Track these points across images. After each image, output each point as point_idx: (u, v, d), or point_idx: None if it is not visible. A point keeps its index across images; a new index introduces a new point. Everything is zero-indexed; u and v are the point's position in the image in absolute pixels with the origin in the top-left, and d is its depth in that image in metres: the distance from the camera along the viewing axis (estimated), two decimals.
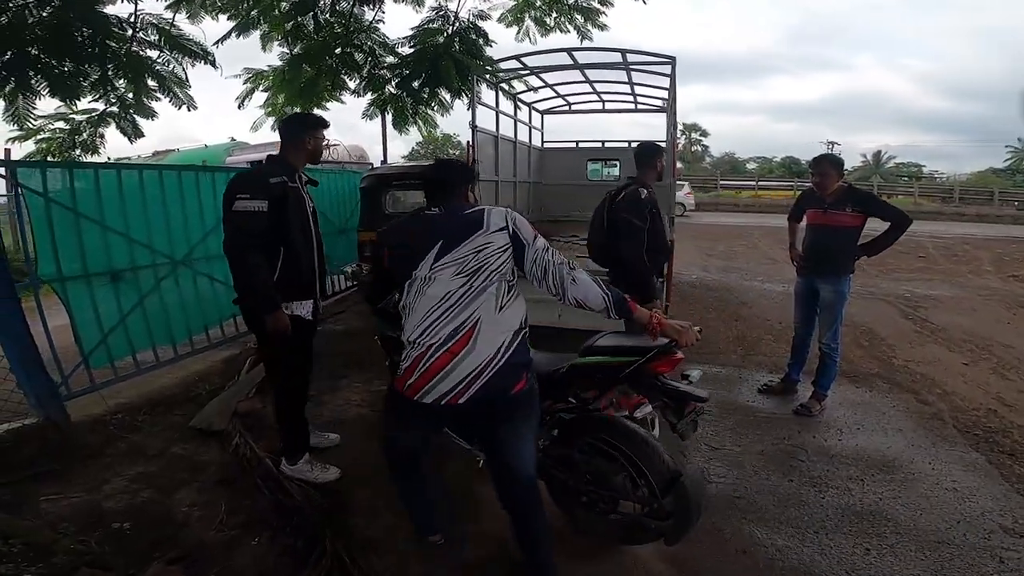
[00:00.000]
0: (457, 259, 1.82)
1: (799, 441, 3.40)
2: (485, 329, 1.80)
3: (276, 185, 2.50)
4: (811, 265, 3.75)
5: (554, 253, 1.88)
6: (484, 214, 1.87)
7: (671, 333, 1.90)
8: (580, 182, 7.54)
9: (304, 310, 2.71)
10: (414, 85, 4.96)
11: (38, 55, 3.32)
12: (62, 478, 2.81)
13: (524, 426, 1.91)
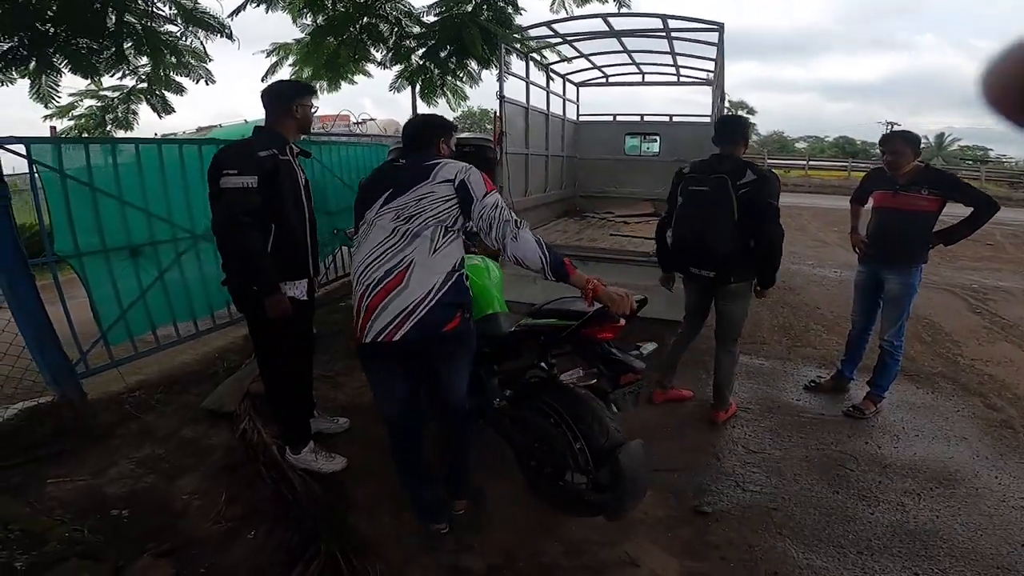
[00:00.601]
0: (399, 206, 1.94)
1: (849, 447, 3.07)
2: (418, 270, 1.91)
3: (266, 159, 2.32)
4: (876, 253, 3.36)
5: (503, 211, 1.91)
6: (435, 167, 1.98)
7: (604, 300, 1.91)
8: (617, 157, 7.18)
9: (298, 290, 2.57)
10: (440, 55, 4.75)
11: (56, 32, 3.26)
12: (72, 459, 2.78)
13: (460, 362, 2.09)
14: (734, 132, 2.99)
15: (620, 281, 4.03)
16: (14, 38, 3.18)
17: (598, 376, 2.22)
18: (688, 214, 2.98)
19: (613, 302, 1.90)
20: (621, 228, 5.44)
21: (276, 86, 2.63)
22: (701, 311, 3.30)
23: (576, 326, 2.09)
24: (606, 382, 2.18)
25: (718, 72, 4.70)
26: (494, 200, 1.93)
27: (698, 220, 2.93)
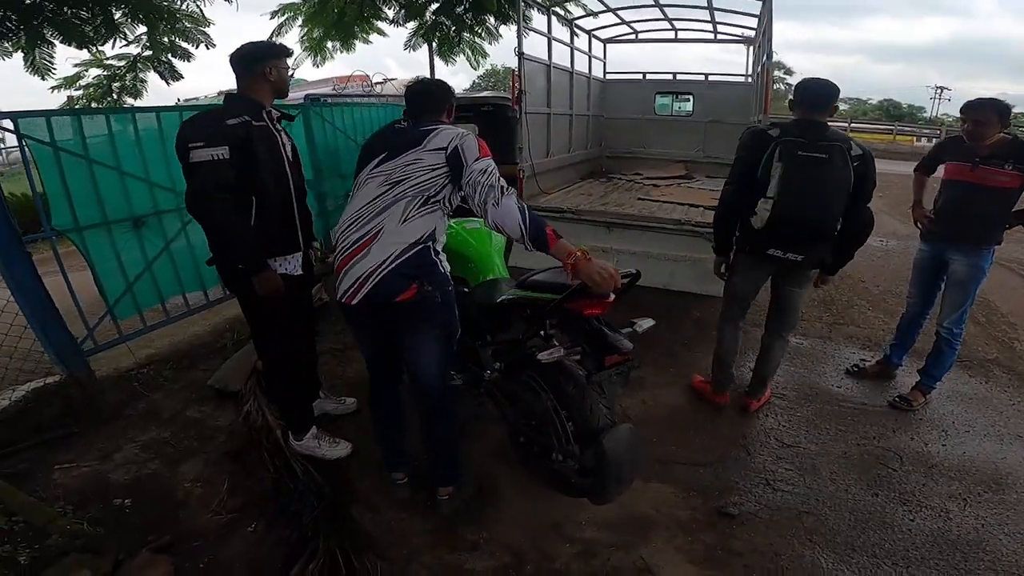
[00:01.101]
0: (388, 170, 1.95)
1: (892, 443, 2.82)
2: (384, 238, 1.91)
3: (236, 127, 2.10)
4: (944, 230, 3.01)
5: (489, 176, 1.82)
6: (429, 133, 1.95)
7: (584, 277, 1.71)
8: (647, 116, 6.78)
9: (290, 265, 2.39)
10: (456, 10, 4.42)
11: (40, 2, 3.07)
12: (80, 442, 2.76)
13: (421, 337, 2.02)
14: (830, 98, 2.51)
15: (650, 251, 3.83)
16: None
17: (581, 355, 2.02)
18: (800, 185, 2.42)
19: (593, 281, 1.69)
20: (650, 192, 5.10)
21: (245, 47, 2.36)
22: (750, 298, 2.92)
23: (558, 300, 1.94)
24: (590, 362, 2.00)
25: (762, 29, 4.25)
26: (483, 166, 1.85)
27: (813, 194, 2.43)
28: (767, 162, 2.47)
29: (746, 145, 2.60)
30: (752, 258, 2.70)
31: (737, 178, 2.63)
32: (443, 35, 4.52)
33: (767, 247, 2.59)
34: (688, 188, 5.38)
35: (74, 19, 3.12)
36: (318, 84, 13.12)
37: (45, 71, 3.55)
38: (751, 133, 2.64)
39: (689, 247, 3.68)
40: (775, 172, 2.44)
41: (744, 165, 2.58)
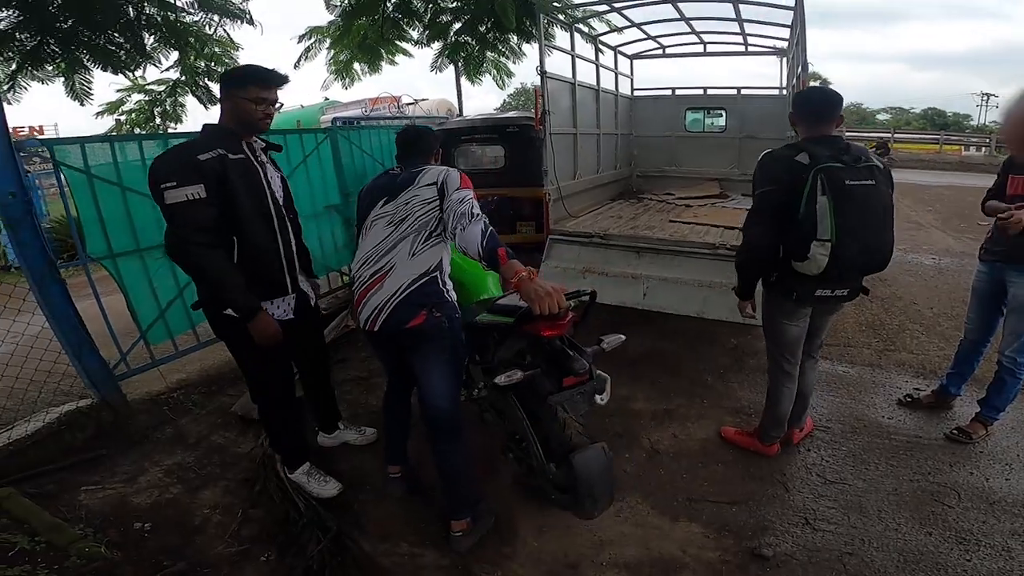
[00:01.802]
0: (390, 211, 2.14)
1: (949, 478, 2.59)
2: (397, 270, 2.08)
3: (209, 162, 1.96)
4: (1004, 249, 2.73)
5: (464, 204, 1.98)
6: (420, 173, 2.15)
7: (524, 296, 1.75)
8: (677, 133, 6.62)
9: (279, 310, 2.26)
10: (480, 29, 4.44)
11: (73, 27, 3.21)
12: (108, 465, 2.80)
13: (430, 360, 2.13)
14: (838, 106, 2.31)
15: (682, 277, 3.66)
16: (37, 36, 3.15)
17: (538, 376, 2.05)
18: (857, 222, 2.13)
19: (531, 299, 1.71)
20: (682, 213, 4.92)
21: (227, 72, 2.25)
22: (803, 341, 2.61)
23: (512, 323, 2.11)
24: (549, 383, 2.03)
25: (795, 40, 4.09)
26: (460, 196, 2.03)
27: (872, 228, 2.17)
28: (809, 197, 2.12)
29: (774, 177, 2.23)
30: (799, 302, 2.43)
31: (768, 218, 2.26)
32: (467, 55, 4.54)
33: (816, 289, 2.33)
34: (723, 208, 5.19)
35: (108, 44, 3.24)
36: (351, 106, 13.53)
37: (84, 96, 3.70)
38: (775, 160, 2.25)
39: (724, 272, 3.48)
40: (822, 208, 2.10)
41: (774, 201, 2.23)
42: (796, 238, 2.19)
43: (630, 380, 3.52)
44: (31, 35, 3.26)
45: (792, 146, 2.25)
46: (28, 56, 3.43)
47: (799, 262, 2.22)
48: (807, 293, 2.34)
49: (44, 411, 3.05)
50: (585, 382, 2.05)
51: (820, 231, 2.12)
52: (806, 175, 2.12)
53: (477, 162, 5.54)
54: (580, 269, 3.91)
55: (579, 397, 2.05)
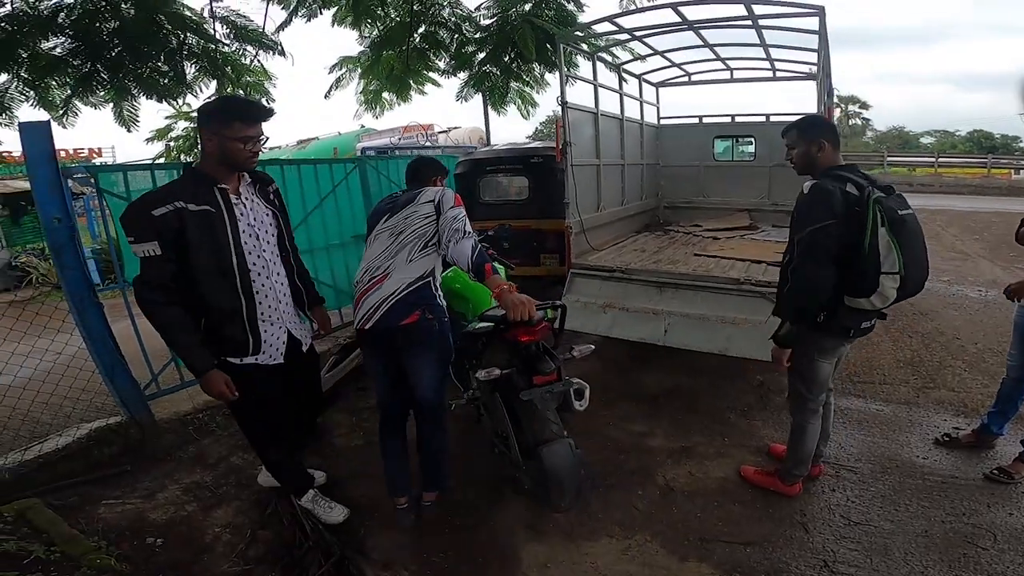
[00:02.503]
0: (392, 224, 2.38)
1: (985, 519, 2.44)
2: (394, 275, 2.30)
3: (164, 217, 1.87)
4: None
5: (457, 221, 2.26)
6: (419, 193, 2.43)
7: (502, 304, 2.09)
8: (705, 163, 6.50)
9: (266, 355, 2.18)
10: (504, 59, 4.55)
11: (120, 55, 3.43)
12: (130, 481, 2.88)
13: (421, 358, 2.36)
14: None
15: (705, 313, 3.56)
16: (88, 62, 3.38)
17: (514, 375, 2.36)
18: (916, 253, 2.11)
19: (508, 307, 2.05)
20: (708, 246, 4.82)
21: (203, 107, 2.14)
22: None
23: (492, 329, 2.51)
24: (522, 381, 2.31)
25: (821, 64, 4.02)
26: (454, 213, 2.30)
27: (923, 259, 2.16)
28: (873, 230, 2.05)
29: (831, 211, 2.08)
30: (849, 338, 2.36)
31: (829, 256, 2.12)
32: (492, 85, 4.64)
33: (863, 322, 2.28)
34: (752, 240, 5.04)
35: (153, 73, 3.44)
36: (385, 133, 13.94)
37: (131, 123, 3.92)
38: (829, 193, 2.11)
39: (749, 309, 3.39)
40: (884, 241, 2.04)
41: (834, 237, 2.09)
42: (861, 273, 2.10)
43: (648, 416, 3.45)
44: (83, 61, 3.49)
45: (835, 177, 2.18)
46: (81, 82, 3.66)
47: (862, 297, 2.14)
48: (858, 328, 2.28)
49: (76, 426, 3.19)
50: (553, 381, 2.30)
51: (887, 264, 2.06)
52: (862, 207, 2.06)
53: (503, 193, 5.55)
54: (601, 304, 3.86)
55: (548, 395, 2.29)
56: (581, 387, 2.46)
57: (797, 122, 2.41)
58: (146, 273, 1.91)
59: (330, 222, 4.57)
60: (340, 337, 4.75)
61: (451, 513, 2.57)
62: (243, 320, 2.09)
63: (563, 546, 2.34)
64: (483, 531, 2.47)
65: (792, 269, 2.21)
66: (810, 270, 2.15)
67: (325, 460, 3.07)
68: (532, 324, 2.23)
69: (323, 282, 4.51)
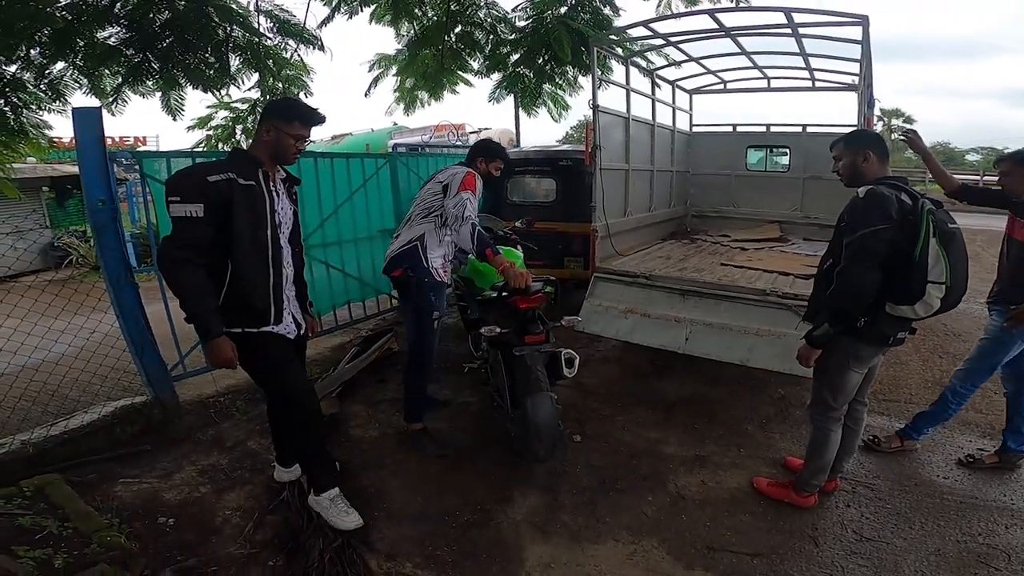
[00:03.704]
0: (417, 195, 3.04)
1: (1002, 540, 2.36)
2: (402, 234, 2.98)
3: (217, 184, 2.01)
4: (1001, 291, 2.88)
5: (459, 207, 2.76)
6: (440, 171, 3.02)
7: (506, 277, 2.76)
8: (737, 172, 6.40)
9: (283, 326, 2.28)
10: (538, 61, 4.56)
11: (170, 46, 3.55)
12: (149, 460, 2.95)
13: (405, 307, 3.17)
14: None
15: (728, 323, 3.50)
16: (141, 52, 3.49)
17: (510, 334, 2.74)
18: (961, 265, 2.12)
19: (509, 278, 2.73)
20: (735, 256, 4.73)
21: (271, 104, 2.36)
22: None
23: (496, 297, 3.00)
24: (517, 339, 2.71)
25: (863, 74, 3.91)
26: (457, 199, 2.78)
27: (964, 270, 2.14)
28: (925, 239, 2.05)
29: (887, 215, 2.08)
30: (887, 346, 2.34)
31: (878, 259, 2.10)
32: (524, 86, 4.65)
33: (900, 331, 2.26)
34: (781, 252, 4.92)
35: (201, 65, 3.55)
36: (417, 131, 14.11)
37: (177, 111, 4.04)
38: (885, 198, 2.10)
39: (773, 320, 3.34)
40: (934, 251, 2.05)
41: (887, 241, 2.08)
42: (908, 280, 2.10)
43: (664, 423, 3.41)
44: (136, 51, 3.62)
45: (891, 185, 2.17)
46: (132, 71, 3.78)
47: (905, 304, 2.14)
48: (896, 336, 2.27)
49: (101, 404, 3.27)
50: (542, 342, 2.71)
51: (935, 274, 2.06)
52: (915, 216, 2.07)
53: (531, 194, 5.58)
54: (622, 309, 3.82)
55: (537, 353, 2.70)
56: (571, 356, 2.76)
57: (845, 135, 2.42)
58: (182, 233, 1.98)
59: (359, 216, 4.64)
60: (363, 329, 4.82)
61: (458, 509, 2.57)
62: (269, 290, 2.19)
63: (568, 547, 2.32)
64: (489, 528, 2.46)
65: (839, 271, 2.19)
66: (858, 273, 2.13)
67: (340, 449, 3.10)
68: (529, 293, 2.73)
69: (349, 274, 4.60)
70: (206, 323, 2.05)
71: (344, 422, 3.42)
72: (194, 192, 1.98)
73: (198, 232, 1.99)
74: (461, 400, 3.57)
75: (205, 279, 2.03)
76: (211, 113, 5.25)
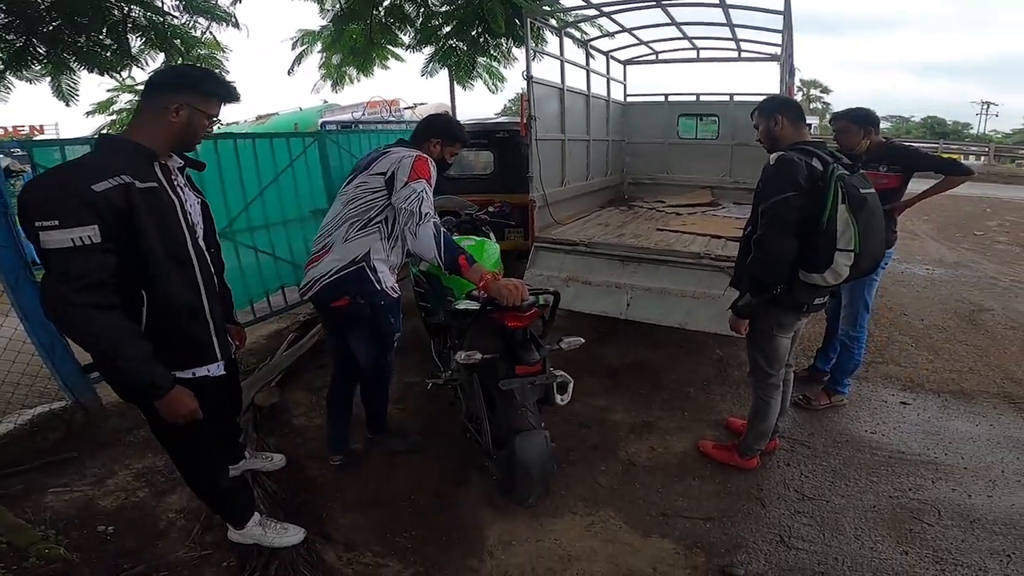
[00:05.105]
0: (349, 189, 2.28)
1: (930, 495, 2.55)
2: (332, 252, 2.27)
3: (108, 195, 1.44)
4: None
5: (411, 202, 2.06)
6: (379, 158, 2.24)
7: (493, 294, 2.06)
8: (671, 140, 6.58)
9: (213, 366, 1.81)
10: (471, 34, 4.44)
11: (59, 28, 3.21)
12: (77, 467, 2.76)
13: (357, 337, 2.42)
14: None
15: (667, 287, 3.59)
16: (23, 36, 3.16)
17: (496, 361, 2.20)
18: (872, 231, 2.11)
19: (500, 295, 2.04)
20: (670, 221, 4.87)
21: (156, 74, 1.78)
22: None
23: (478, 311, 2.31)
24: (505, 368, 2.17)
25: (785, 45, 4.06)
26: (408, 191, 2.10)
27: (879, 238, 2.17)
28: (833, 206, 2.05)
29: (795, 181, 2.09)
30: (804, 313, 2.41)
31: (791, 227, 2.13)
32: (458, 59, 4.52)
33: (816, 298, 2.32)
34: (712, 217, 5.14)
35: (94, 47, 3.24)
36: (349, 109, 13.55)
37: (70, 97, 3.70)
38: (794, 165, 2.11)
39: (708, 283, 3.46)
40: (843, 217, 2.05)
41: (796, 208, 2.10)
42: (817, 248, 2.12)
43: (610, 391, 3.48)
44: (17, 36, 3.26)
45: (802, 150, 2.18)
46: (15, 56, 3.42)
47: (816, 273, 2.16)
48: (812, 303, 2.33)
49: (17, 413, 3.02)
50: (537, 373, 2.17)
51: (843, 241, 2.08)
52: (825, 182, 2.07)
53: (469, 168, 5.52)
54: (563, 277, 3.86)
55: (530, 387, 2.16)
56: (565, 380, 2.29)
57: (760, 102, 2.46)
58: (72, 269, 1.41)
59: (287, 197, 4.43)
60: (300, 314, 4.65)
61: (413, 493, 2.55)
62: (206, 318, 1.75)
63: (527, 523, 2.35)
64: (447, 511, 2.45)
65: (755, 240, 2.23)
66: (772, 241, 2.17)
67: (283, 441, 3.00)
68: (522, 309, 2.12)
69: (281, 258, 4.40)
70: (149, 376, 1.58)
71: (286, 412, 3.30)
72: (78, 209, 1.40)
73: (98, 263, 1.44)
74: (407, 380, 3.50)
75: (123, 321, 1.53)
76: (112, 97, 4.84)
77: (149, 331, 1.61)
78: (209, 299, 1.75)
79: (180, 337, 1.70)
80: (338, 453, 2.74)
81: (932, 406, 3.32)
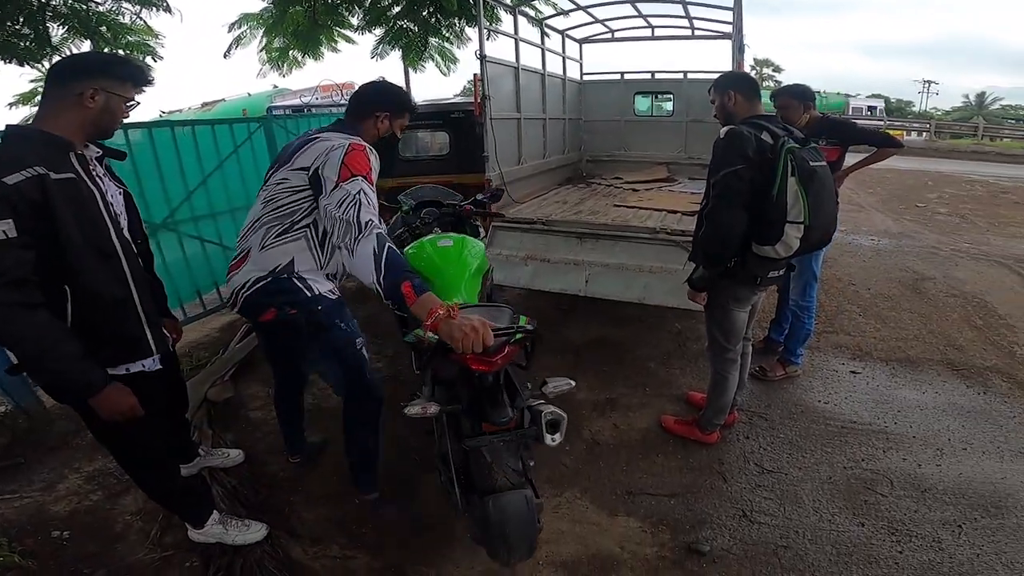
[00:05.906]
0: (268, 187, 1.92)
1: (883, 465, 2.64)
2: (250, 260, 1.93)
3: (21, 186, 1.38)
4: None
5: (346, 209, 1.60)
6: (303, 148, 1.84)
7: (444, 336, 1.46)
8: (626, 118, 6.62)
9: (148, 361, 1.74)
10: (422, 14, 4.30)
11: None
12: (25, 473, 2.65)
13: (296, 350, 2.23)
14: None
15: (624, 262, 3.59)
16: None
17: (459, 414, 1.80)
18: (822, 203, 2.14)
19: (453, 339, 1.44)
20: (627, 198, 4.89)
21: (61, 62, 1.67)
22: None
23: (433, 351, 1.77)
24: (470, 424, 1.74)
25: (735, 23, 4.10)
26: (341, 195, 1.64)
27: (830, 210, 2.21)
28: (783, 179, 2.07)
29: (743, 155, 2.10)
30: (758, 287, 2.43)
31: (740, 200, 2.15)
32: (409, 40, 4.38)
33: (770, 271, 2.35)
34: (669, 192, 5.19)
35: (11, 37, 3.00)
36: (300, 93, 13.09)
37: None
38: (743, 138, 2.12)
39: (665, 257, 3.48)
40: (793, 190, 2.07)
41: (746, 181, 2.12)
42: (768, 220, 2.14)
43: (572, 368, 3.50)
44: None
45: (752, 124, 2.20)
46: None
47: (767, 245, 2.19)
48: (765, 276, 2.35)
49: None
50: (510, 431, 1.73)
51: (793, 214, 2.10)
52: (774, 155, 2.09)
53: (424, 149, 5.43)
54: (523, 256, 3.84)
55: (501, 445, 1.73)
56: (556, 418, 1.73)
57: (716, 78, 2.46)
58: None
59: (233, 185, 4.28)
60: None
61: (381, 485, 2.51)
62: (137, 311, 1.67)
63: None
64: (412, 501, 2.43)
65: (706, 213, 2.26)
66: (723, 214, 2.19)
67: (241, 436, 2.92)
68: (488, 352, 1.59)
69: (228, 247, 4.24)
70: (81, 374, 1.52)
71: (242, 406, 3.21)
72: None
73: (15, 259, 1.38)
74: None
75: (50, 319, 1.46)
76: (36, 88, 4.52)
77: (77, 327, 1.54)
78: (139, 292, 1.69)
79: (111, 332, 1.64)
80: (296, 454, 2.64)
81: (881, 375, 3.46)
